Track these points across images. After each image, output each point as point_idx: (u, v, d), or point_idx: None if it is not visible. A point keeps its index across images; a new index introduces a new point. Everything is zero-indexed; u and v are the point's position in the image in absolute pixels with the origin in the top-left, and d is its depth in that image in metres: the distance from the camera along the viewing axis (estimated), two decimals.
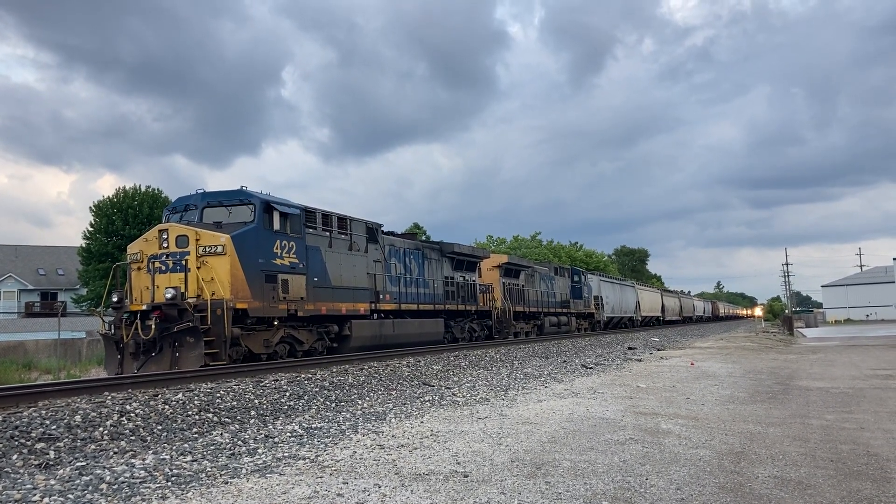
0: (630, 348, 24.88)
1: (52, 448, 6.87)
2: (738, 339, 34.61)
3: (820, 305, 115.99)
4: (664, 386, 12.62)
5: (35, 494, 5.31)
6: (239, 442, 7.48)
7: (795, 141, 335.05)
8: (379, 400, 11.00)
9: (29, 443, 6.89)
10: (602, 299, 41.54)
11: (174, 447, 7.21)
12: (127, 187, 52.93)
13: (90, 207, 52.36)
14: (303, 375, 12.29)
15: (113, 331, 13.55)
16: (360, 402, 10.69)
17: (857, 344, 27.09)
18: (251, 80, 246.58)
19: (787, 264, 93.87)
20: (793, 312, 74.03)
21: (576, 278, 37.75)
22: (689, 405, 10.09)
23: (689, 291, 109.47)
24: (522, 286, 29.42)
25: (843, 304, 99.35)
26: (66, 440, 7.13)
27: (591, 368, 16.52)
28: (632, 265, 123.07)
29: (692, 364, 17.56)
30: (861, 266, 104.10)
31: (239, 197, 14.57)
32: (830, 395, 11.16)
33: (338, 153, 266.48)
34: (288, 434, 7.95)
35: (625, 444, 7.12)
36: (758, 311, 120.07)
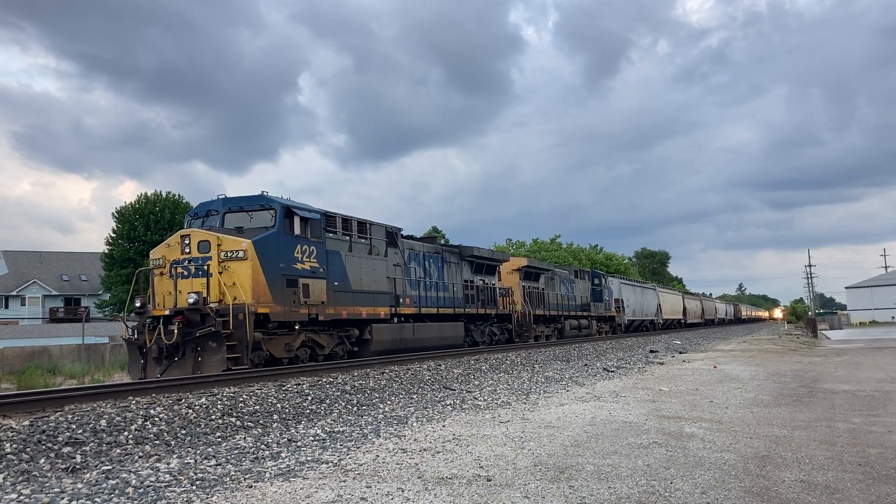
0: (652, 351, 24.72)
1: (78, 452, 6.94)
2: (761, 341, 34.26)
3: (844, 307, 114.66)
4: (687, 389, 12.52)
5: (63, 498, 5.37)
6: (262, 446, 7.51)
7: (814, 142, 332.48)
8: (400, 404, 11.01)
9: (56, 447, 6.96)
10: (623, 302, 41.33)
11: (198, 451, 7.26)
12: (149, 194, 53.44)
13: (112, 213, 52.97)
14: (324, 379, 12.32)
15: (136, 336, 13.67)
16: (381, 406, 10.70)
17: (883, 346, 26.73)
18: (268, 87, 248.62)
19: (809, 266, 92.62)
20: (816, 314, 73.20)
21: (596, 281, 37.58)
22: (712, 408, 10.01)
23: (711, 294, 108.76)
24: (542, 289, 29.34)
25: (867, 305, 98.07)
26: (92, 444, 7.20)
27: (612, 372, 16.43)
28: (652, 268, 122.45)
29: (715, 367, 17.41)
30: (885, 267, 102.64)
31: (260, 202, 14.66)
32: (857, 398, 11.02)
33: (354, 158, 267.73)
34: (310, 438, 7.98)
35: (648, 448, 7.07)
36: (777, 313, 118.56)
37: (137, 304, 13.93)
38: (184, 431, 8.13)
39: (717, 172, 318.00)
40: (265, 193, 14.85)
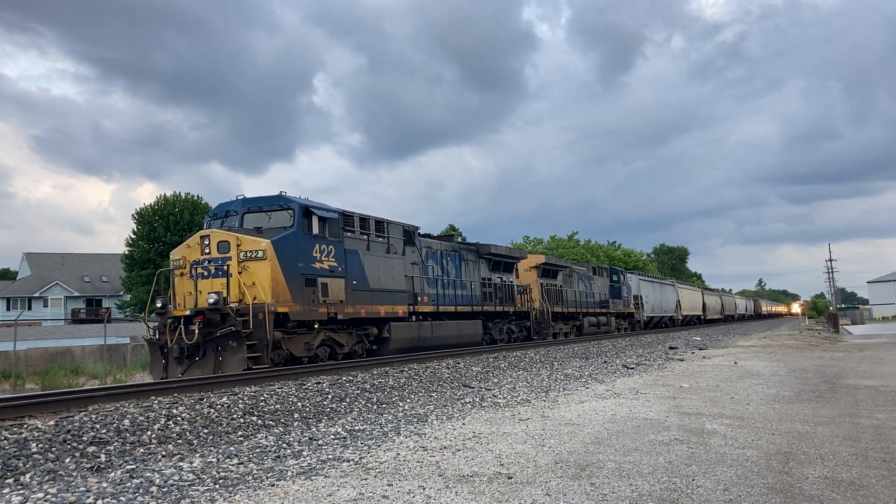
0: (671, 348, 24.59)
1: (102, 451, 7.01)
2: (782, 337, 33.99)
3: (866, 302, 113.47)
4: (708, 385, 12.45)
5: (88, 497, 5.43)
6: (283, 444, 7.56)
7: (833, 135, 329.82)
8: (420, 402, 11.03)
9: (81, 446, 7.05)
10: (641, 299, 41.11)
11: (220, 450, 7.31)
12: (168, 195, 53.83)
13: (132, 215, 53.48)
14: (344, 378, 12.37)
15: (157, 336, 13.79)
16: (401, 404, 10.73)
17: None
18: (284, 87, 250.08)
19: (830, 260, 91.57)
20: (838, 309, 72.46)
21: (614, 278, 37.42)
22: (733, 405, 9.94)
23: (731, 289, 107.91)
24: (560, 286, 29.26)
25: (890, 300, 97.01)
26: (116, 444, 7.28)
27: (632, 369, 16.37)
28: (671, 264, 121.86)
29: (735, 363, 17.29)
30: None
31: (278, 202, 14.73)
32: (880, 394, 10.91)
33: (370, 157, 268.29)
34: (331, 436, 8.02)
35: (669, 445, 7.04)
36: (795, 308, 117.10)
37: (158, 305, 14.05)
38: (206, 430, 8.20)
39: (734, 167, 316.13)
40: (283, 193, 14.93)
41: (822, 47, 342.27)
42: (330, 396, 10.70)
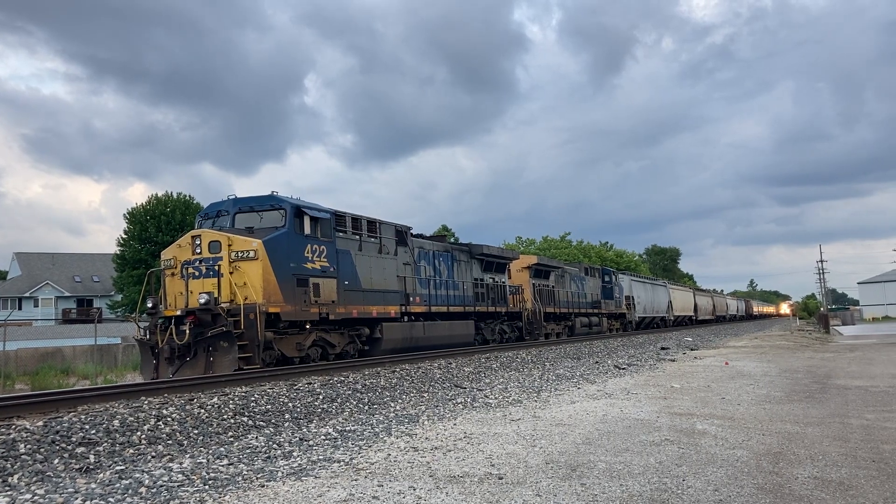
0: (663, 348, 24.64)
1: (92, 452, 6.98)
2: (773, 337, 34.11)
3: (856, 302, 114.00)
4: (699, 386, 12.48)
5: (77, 498, 5.40)
6: (274, 445, 7.54)
7: (823, 137, 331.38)
8: (411, 402, 11.02)
9: (70, 447, 7.01)
10: (633, 299, 41.19)
11: (210, 451, 7.29)
12: (159, 195, 53.62)
13: (124, 215, 53.18)
14: (335, 378, 12.35)
15: (148, 336, 13.72)
16: (392, 405, 10.72)
17: None
18: (275, 88, 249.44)
19: (821, 261, 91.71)
20: (828, 310, 72.76)
21: (606, 278, 37.47)
22: (724, 405, 9.97)
23: (722, 290, 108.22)
24: (552, 287, 29.28)
25: (880, 300, 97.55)
26: (105, 444, 7.24)
27: (623, 369, 16.39)
28: (663, 264, 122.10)
29: (727, 363, 17.34)
30: None
31: (270, 202, 14.68)
32: (870, 394, 10.96)
33: (362, 158, 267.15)
34: (322, 437, 8.00)
35: (660, 445, 7.05)
36: (785, 308, 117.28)
37: (149, 305, 13.99)
38: (196, 431, 8.17)
39: (726, 168, 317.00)
40: (275, 193, 14.88)
41: (811, 49, 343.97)
42: (321, 397, 10.68)
